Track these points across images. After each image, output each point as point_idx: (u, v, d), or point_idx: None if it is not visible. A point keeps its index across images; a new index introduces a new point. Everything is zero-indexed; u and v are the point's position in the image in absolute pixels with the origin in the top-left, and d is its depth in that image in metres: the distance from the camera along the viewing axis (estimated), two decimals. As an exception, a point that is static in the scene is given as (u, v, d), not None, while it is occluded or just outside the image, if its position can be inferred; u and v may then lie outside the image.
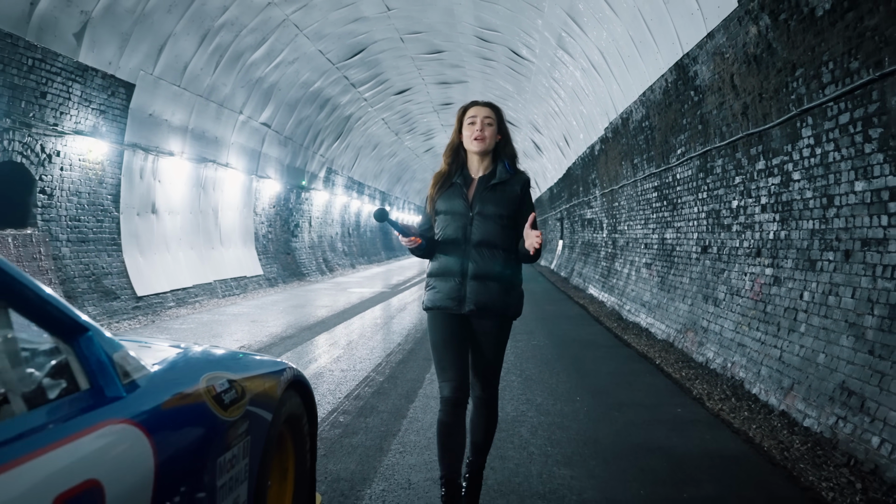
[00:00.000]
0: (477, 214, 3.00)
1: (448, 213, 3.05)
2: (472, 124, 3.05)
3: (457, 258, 3.01)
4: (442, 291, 3.02)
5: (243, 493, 2.04)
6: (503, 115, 3.16)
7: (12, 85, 8.53)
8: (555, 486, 3.48)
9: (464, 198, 3.03)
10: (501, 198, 3.01)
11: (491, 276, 2.97)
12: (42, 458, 1.25)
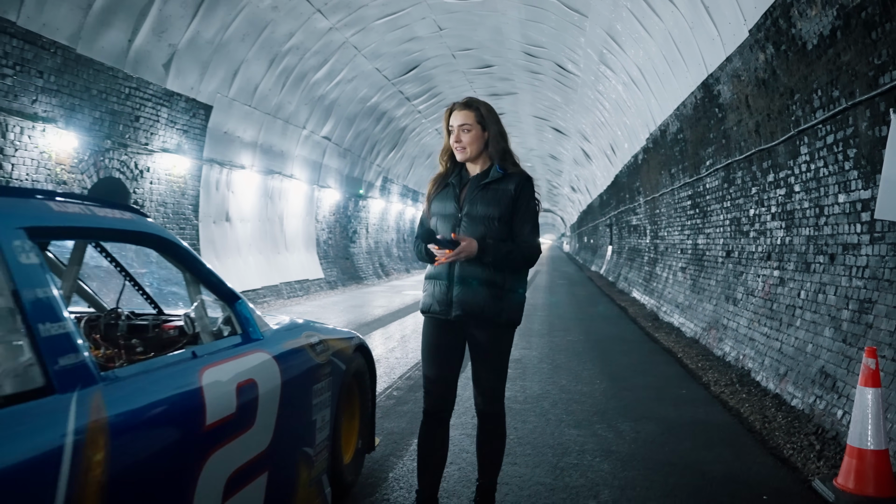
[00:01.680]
0: (465, 216, 2.85)
1: (440, 214, 2.94)
2: (451, 132, 2.91)
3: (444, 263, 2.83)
4: (432, 295, 2.90)
5: (328, 414, 3.01)
6: (486, 111, 2.95)
7: (112, 111, 9.83)
8: (563, 441, 4.37)
9: (455, 199, 2.90)
10: (493, 198, 2.83)
11: (478, 280, 2.81)
12: (228, 363, 2.24)
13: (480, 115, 2.91)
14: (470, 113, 2.89)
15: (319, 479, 2.97)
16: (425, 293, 2.94)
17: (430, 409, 2.93)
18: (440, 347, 2.91)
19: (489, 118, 2.92)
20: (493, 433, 2.95)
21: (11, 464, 1.35)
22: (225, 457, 2.09)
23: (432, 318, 2.93)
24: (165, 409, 1.87)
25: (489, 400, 2.91)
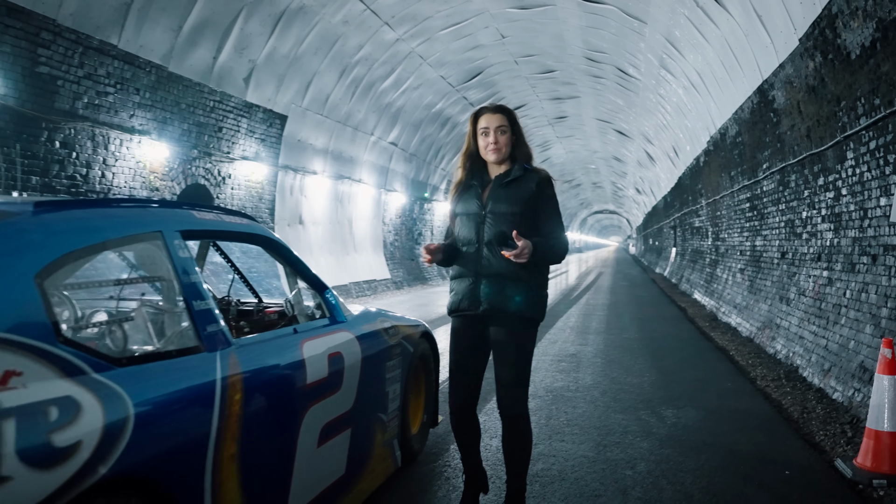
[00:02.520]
0: (489, 213, 2.94)
1: (463, 214, 3.03)
2: (486, 135, 2.99)
3: (471, 258, 2.95)
4: (459, 293, 2.99)
5: (398, 388, 3.56)
6: (516, 116, 3.10)
7: (198, 123, 10.70)
8: (608, 423, 4.81)
9: (478, 198, 2.99)
10: (514, 195, 2.93)
11: (503, 275, 2.89)
12: (321, 338, 2.81)
13: (512, 119, 3.05)
14: (503, 117, 3.01)
15: (391, 443, 3.52)
16: (452, 293, 3.03)
17: (455, 406, 3.03)
18: (467, 345, 3.01)
19: (517, 122, 3.07)
20: (515, 433, 2.97)
21: (183, 394, 1.93)
22: (320, 410, 2.66)
23: (460, 317, 3.02)
24: (279, 368, 2.45)
25: (510, 401, 2.93)
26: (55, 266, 1.76)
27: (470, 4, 14.28)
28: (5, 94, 7.42)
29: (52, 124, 8.10)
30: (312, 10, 11.82)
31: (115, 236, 2.04)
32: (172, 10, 9.33)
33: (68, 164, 8.39)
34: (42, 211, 1.88)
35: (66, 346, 1.67)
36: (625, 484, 3.65)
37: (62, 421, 1.53)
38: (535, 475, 3.76)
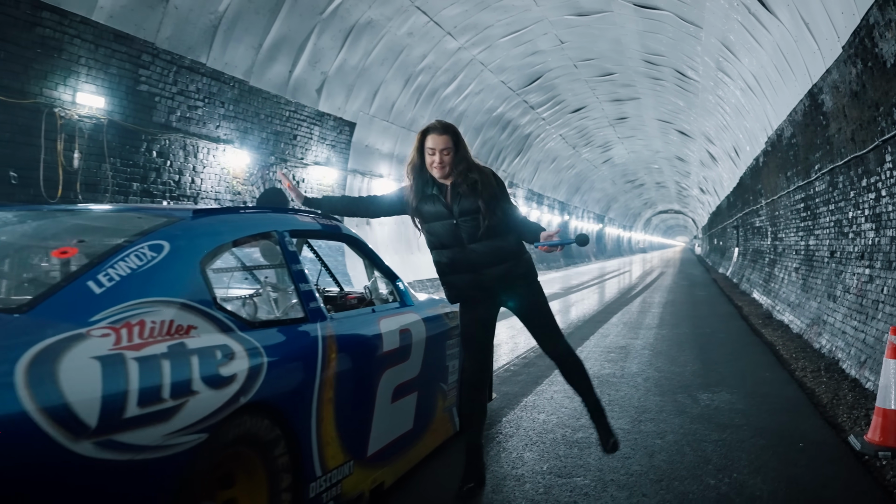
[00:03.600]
0: (459, 217, 3.30)
1: (435, 219, 3.36)
2: (432, 154, 3.28)
3: (460, 257, 3.35)
4: (460, 287, 3.44)
5: (457, 364, 4.20)
6: (460, 134, 3.36)
7: (276, 132, 11.60)
8: (646, 404, 5.36)
9: (444, 206, 3.32)
10: (472, 192, 3.29)
11: (496, 262, 3.35)
12: (393, 317, 3.48)
13: (457, 137, 3.32)
14: (448, 139, 3.28)
15: (451, 410, 4.18)
16: (450, 286, 3.45)
17: (473, 379, 3.51)
18: (480, 324, 3.48)
19: (459, 139, 3.34)
20: (569, 366, 3.57)
21: (297, 350, 2.63)
22: (393, 374, 3.33)
23: (469, 304, 3.48)
24: (363, 337, 3.13)
25: (553, 341, 3.53)
26: (211, 255, 2.48)
27: (529, 13, 14.84)
28: (112, 110, 8.40)
29: (150, 136, 9.07)
30: (379, 24, 12.60)
31: (246, 234, 2.77)
32: (254, 29, 10.23)
33: (163, 171, 9.36)
34: (199, 216, 2.60)
35: (220, 310, 2.38)
36: (653, 449, 4.21)
37: (223, 360, 2.23)
38: (575, 441, 4.35)
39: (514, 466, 3.91)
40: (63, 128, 7.76)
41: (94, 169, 8.24)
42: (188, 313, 2.22)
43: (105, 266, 2.12)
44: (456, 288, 3.45)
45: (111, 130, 8.42)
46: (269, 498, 2.43)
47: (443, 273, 3.45)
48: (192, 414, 2.04)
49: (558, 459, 4.02)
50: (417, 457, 3.71)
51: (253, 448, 2.35)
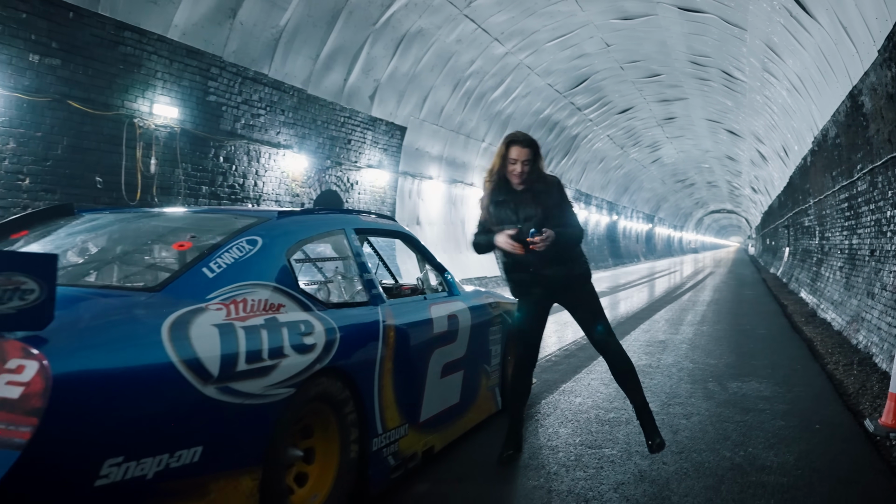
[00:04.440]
0: (524, 220, 3.66)
1: (502, 222, 3.72)
2: (514, 164, 3.63)
3: (523, 257, 3.65)
4: (521, 283, 3.84)
5: (499, 349, 4.70)
6: (539, 148, 3.72)
7: (331, 137, 12.25)
8: (677, 391, 5.76)
9: (512, 210, 3.69)
10: (537, 200, 3.66)
11: (555, 263, 3.69)
12: (442, 304, 3.99)
13: (536, 151, 3.68)
14: (529, 151, 3.64)
15: (493, 389, 4.67)
16: (512, 282, 3.88)
17: (525, 364, 3.97)
18: (536, 318, 3.90)
19: (538, 153, 3.71)
20: (619, 363, 3.87)
21: (363, 328, 3.16)
22: (442, 353, 3.84)
23: (527, 298, 3.86)
24: (417, 319, 3.65)
25: (607, 342, 3.84)
26: (294, 248, 3.03)
27: (575, 18, 15.21)
28: (184, 119, 9.13)
29: (217, 143, 9.79)
30: (429, 33, 13.16)
31: (321, 232, 3.32)
32: (312, 41, 10.89)
33: (229, 175, 10.07)
34: (283, 216, 3.16)
35: (302, 293, 2.92)
36: (677, 427, 4.63)
37: (306, 332, 2.77)
38: (606, 420, 4.80)
39: (549, 439, 4.38)
40: (141, 136, 8.51)
41: (168, 174, 8.98)
42: (278, 294, 2.77)
43: (214, 256, 2.68)
44: (518, 284, 3.85)
45: (183, 138, 9.15)
46: (340, 448, 2.96)
47: (507, 270, 3.85)
48: (284, 372, 2.59)
49: (590, 434, 4.48)
50: (463, 428, 4.22)
51: (328, 405, 2.89)
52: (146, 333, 2.20)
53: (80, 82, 7.70)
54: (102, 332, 2.12)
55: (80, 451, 1.91)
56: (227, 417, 2.34)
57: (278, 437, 2.58)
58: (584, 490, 3.51)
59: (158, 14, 8.42)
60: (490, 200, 3.78)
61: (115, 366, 2.05)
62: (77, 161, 7.78)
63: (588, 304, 3.86)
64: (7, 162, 7.06)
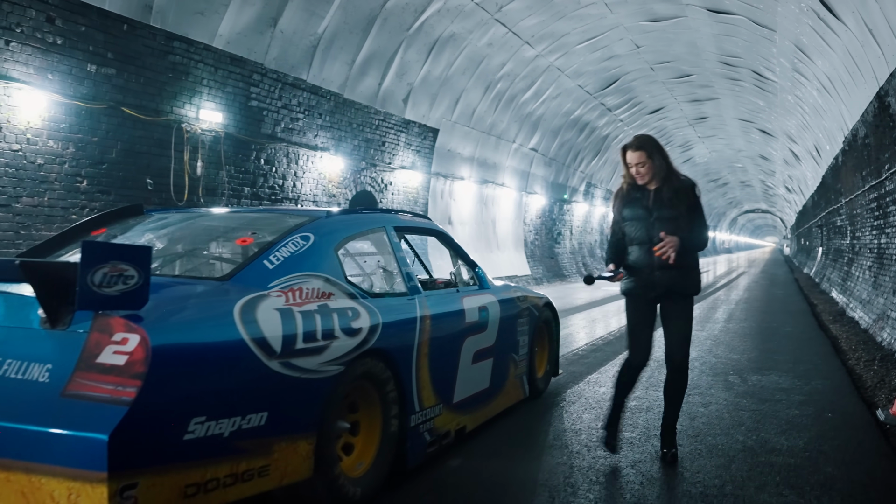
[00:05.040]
0: (656, 219, 3.74)
1: (634, 219, 3.82)
2: (632, 168, 3.79)
3: (644, 254, 3.77)
4: (635, 281, 3.84)
5: (527, 340, 5.02)
6: (652, 146, 3.77)
7: (366, 139, 12.67)
8: (698, 383, 6.01)
9: (644, 207, 3.79)
10: (672, 202, 3.73)
11: (671, 267, 3.69)
12: (473, 296, 4.33)
13: (649, 151, 3.76)
14: (640, 154, 3.75)
15: (521, 377, 5.00)
16: (627, 280, 3.87)
17: (633, 362, 3.92)
18: (645, 318, 3.88)
19: (654, 151, 3.77)
20: (678, 378, 3.89)
21: (402, 315, 3.51)
22: (473, 341, 4.18)
23: (634, 297, 3.88)
24: (450, 310, 4.00)
25: (679, 353, 3.83)
26: (341, 243, 3.40)
27: (604, 20, 15.43)
28: (227, 123, 9.60)
29: (259, 146, 10.25)
30: (461, 37, 13.51)
31: (364, 229, 3.70)
32: (348, 48, 11.30)
33: (269, 177, 10.53)
34: (331, 216, 3.54)
35: (349, 283, 3.29)
36: (695, 414, 4.92)
37: (353, 317, 3.13)
38: (627, 408, 5.07)
39: (573, 423, 4.70)
40: (188, 140, 8.99)
41: (213, 175, 9.45)
42: (328, 284, 3.14)
43: (273, 250, 3.06)
44: (630, 282, 3.88)
45: (227, 142, 9.62)
46: (382, 422, 3.32)
47: (625, 267, 3.89)
48: (334, 352, 2.95)
49: (611, 419, 4.79)
50: (493, 411, 4.56)
51: (372, 383, 3.25)
52: (221, 315, 2.57)
53: (132, 90, 8.19)
54: (186, 313, 2.50)
55: (172, 410, 2.29)
56: (287, 388, 2.71)
57: (329, 409, 2.94)
58: (604, 467, 3.82)
59: (205, 24, 8.90)
60: (623, 202, 3.89)
61: (198, 341, 2.43)
62: (129, 164, 8.27)
63: (681, 318, 3.85)
64: (67, 165, 7.56)
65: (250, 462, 2.56)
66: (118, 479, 2.09)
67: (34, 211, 7.27)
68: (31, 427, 2.15)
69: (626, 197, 3.90)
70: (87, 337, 2.28)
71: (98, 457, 2.06)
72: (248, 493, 2.58)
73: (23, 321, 2.43)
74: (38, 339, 2.36)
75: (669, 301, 3.84)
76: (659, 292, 3.80)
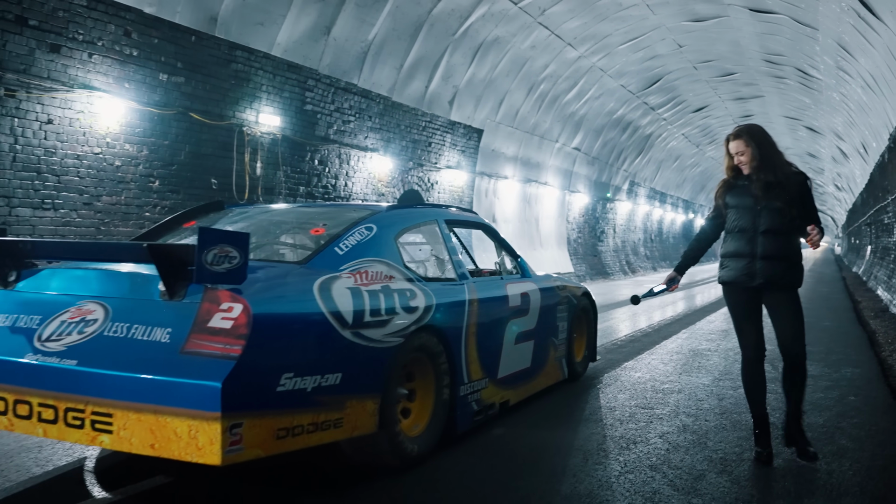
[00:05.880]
0: (764, 208, 3.66)
1: (739, 207, 3.74)
2: (735, 157, 3.76)
3: (747, 243, 3.68)
4: (735, 269, 3.73)
5: (566, 326, 5.44)
6: (752, 134, 3.72)
7: (413, 140, 13.18)
8: (730, 369, 6.34)
9: (752, 195, 3.70)
10: (781, 193, 3.62)
11: (777, 257, 3.63)
12: (516, 284, 4.78)
13: (752, 139, 3.70)
14: (741, 142, 3.72)
15: (560, 360, 5.43)
16: (726, 268, 3.78)
17: (751, 355, 3.85)
18: (748, 307, 3.77)
19: (754, 139, 3.71)
20: (795, 372, 3.80)
21: (452, 297, 3.98)
22: (515, 324, 4.62)
23: (734, 287, 3.77)
24: (495, 295, 4.45)
25: (791, 346, 3.74)
26: (399, 233, 3.88)
27: (647, 21, 15.69)
28: (284, 126, 10.20)
29: (313, 147, 10.84)
30: (505, 41, 13.94)
31: (419, 221, 4.18)
32: (396, 53, 11.83)
33: (323, 177, 11.11)
34: (390, 209, 4.03)
35: (406, 268, 3.77)
36: (724, 396, 5.27)
37: (411, 297, 3.60)
38: (661, 390, 5.47)
39: (608, 402, 5.10)
40: (249, 143, 9.61)
41: (271, 175, 10.06)
42: (390, 268, 3.62)
43: (342, 239, 3.55)
44: (729, 270, 3.79)
45: (283, 144, 10.23)
46: (435, 391, 3.79)
47: (724, 255, 3.83)
48: (395, 326, 3.43)
49: (644, 399, 5.18)
50: (534, 389, 5.00)
51: (426, 355, 3.72)
52: (303, 291, 3.07)
53: (199, 96, 8.84)
54: (276, 289, 3.01)
55: (268, 365, 2.79)
56: (357, 355, 3.19)
57: (391, 374, 3.42)
58: (634, 436, 4.23)
59: (264, 34, 9.51)
60: (727, 189, 3.85)
61: (286, 311, 2.93)
62: (196, 165, 8.91)
63: (790, 311, 3.74)
64: (141, 167, 8.23)
65: (328, 414, 3.05)
66: (229, 418, 2.59)
67: (112, 209, 7.94)
68: (158, 377, 2.67)
69: (731, 185, 3.84)
70: (199, 306, 2.80)
71: (213, 400, 2.57)
72: (326, 440, 3.07)
73: (144, 294, 2.97)
74: (159, 308, 2.89)
75: (774, 294, 3.72)
76: (759, 283, 3.68)
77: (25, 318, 3.07)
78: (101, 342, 2.85)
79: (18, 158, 6.95)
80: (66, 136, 7.39)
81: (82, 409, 2.76)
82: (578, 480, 3.46)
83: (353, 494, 3.26)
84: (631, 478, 3.50)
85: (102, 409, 2.72)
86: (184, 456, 2.61)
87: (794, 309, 3.73)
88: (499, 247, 5.10)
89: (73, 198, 7.49)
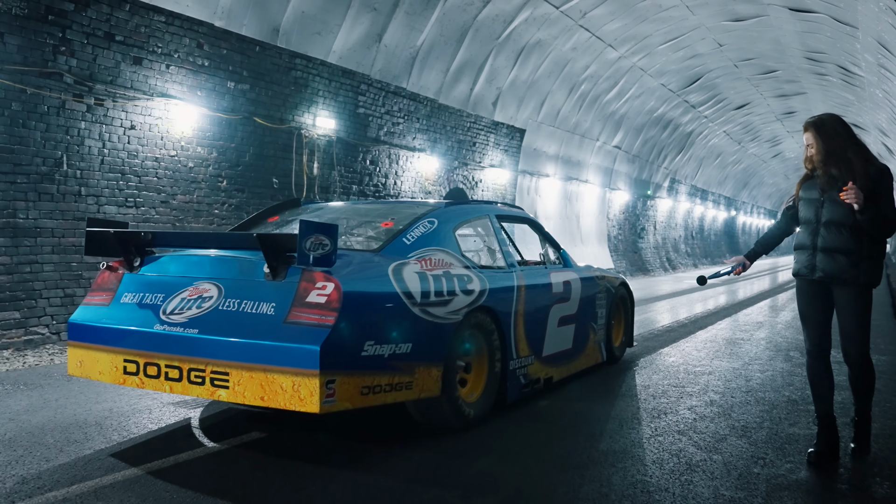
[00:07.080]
0: (827, 199, 3.56)
1: (805, 199, 3.70)
2: (807, 148, 3.66)
3: (809, 234, 3.62)
4: (799, 262, 3.68)
5: (604, 312, 5.95)
6: (822, 127, 3.58)
7: (459, 140, 13.75)
8: (759, 356, 6.77)
9: (818, 188, 3.62)
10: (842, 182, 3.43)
11: (837, 250, 3.49)
12: (559, 272, 5.31)
13: (820, 131, 3.56)
14: (809, 134, 3.61)
15: (599, 343, 5.94)
16: (796, 262, 3.71)
17: (811, 349, 3.73)
18: (812, 301, 3.66)
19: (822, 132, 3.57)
20: (858, 375, 3.66)
21: (504, 283, 4.53)
22: (558, 309, 5.15)
23: (801, 279, 3.70)
24: (540, 282, 4.98)
25: (849, 348, 3.62)
26: (457, 226, 4.44)
27: (686, 21, 16.00)
28: (338, 129, 10.85)
29: (365, 148, 11.48)
30: (546, 43, 14.41)
31: (474, 216, 4.74)
32: (443, 58, 12.41)
33: (374, 176, 11.75)
34: (449, 206, 4.59)
35: (464, 257, 4.33)
36: (751, 377, 5.73)
37: (468, 281, 4.16)
38: (693, 372, 5.94)
39: (643, 381, 5.60)
40: (306, 145, 10.28)
41: (327, 175, 10.73)
42: (449, 257, 4.19)
43: (408, 231, 4.13)
44: (795, 262, 3.74)
45: (338, 145, 10.88)
46: (488, 363, 4.34)
47: (794, 247, 3.76)
48: (455, 305, 3.99)
49: (676, 379, 5.66)
50: (575, 368, 5.53)
51: (481, 332, 4.27)
52: (380, 274, 3.66)
53: (262, 102, 9.53)
54: (359, 272, 3.60)
55: (355, 333, 3.37)
56: (424, 328, 3.77)
57: (452, 347, 3.98)
58: (665, 408, 4.73)
59: (321, 43, 10.17)
60: (803, 182, 3.79)
61: (368, 290, 3.52)
62: (259, 166, 9.61)
63: (849, 310, 3.59)
64: (211, 168, 8.94)
65: (401, 377, 3.63)
66: (325, 374, 3.18)
67: (186, 206, 8.66)
68: (266, 342, 3.28)
69: (808, 177, 3.76)
70: (298, 285, 3.41)
71: (313, 360, 3.16)
72: (399, 399, 3.66)
73: (251, 276, 3.58)
74: (264, 287, 3.50)
75: (840, 290, 3.57)
76: (819, 276, 3.57)
77: (150, 296, 3.72)
78: (217, 315, 3.48)
79: (106, 161, 7.71)
80: (147, 140, 8.13)
81: (203, 370, 3.39)
82: (614, 441, 3.98)
83: (423, 447, 3.84)
84: (661, 440, 4.01)
85: (220, 369, 3.35)
86: (288, 405, 3.22)
87: (855, 308, 3.56)
88: (543, 239, 5.63)
89: (153, 196, 8.23)
